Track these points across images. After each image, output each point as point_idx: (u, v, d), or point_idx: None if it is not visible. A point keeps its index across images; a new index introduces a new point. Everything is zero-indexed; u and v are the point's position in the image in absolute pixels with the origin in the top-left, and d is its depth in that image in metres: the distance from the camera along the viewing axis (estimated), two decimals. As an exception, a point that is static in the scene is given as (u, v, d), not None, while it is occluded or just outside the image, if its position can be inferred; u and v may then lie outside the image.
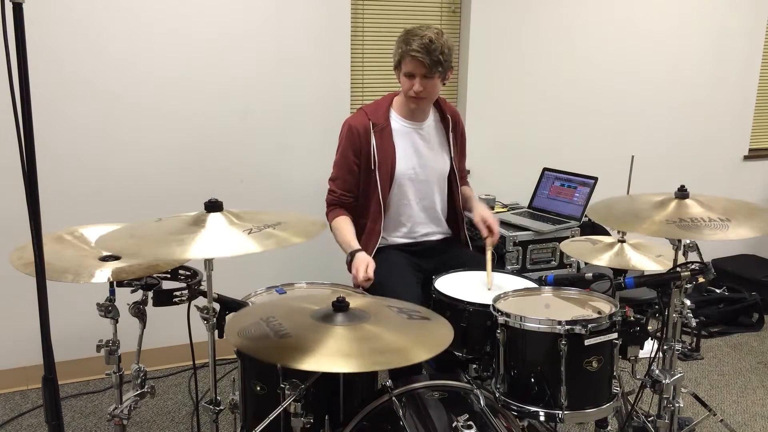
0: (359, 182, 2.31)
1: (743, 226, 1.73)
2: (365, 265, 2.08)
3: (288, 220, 1.65)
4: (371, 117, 2.29)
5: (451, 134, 2.39)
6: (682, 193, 1.89)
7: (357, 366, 1.31)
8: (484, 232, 2.29)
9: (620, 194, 2.23)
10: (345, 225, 2.28)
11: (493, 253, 2.19)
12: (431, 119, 2.38)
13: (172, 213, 1.72)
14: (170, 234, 1.53)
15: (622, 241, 2.20)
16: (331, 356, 1.31)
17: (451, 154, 2.40)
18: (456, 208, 2.44)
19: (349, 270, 2.17)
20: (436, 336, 1.45)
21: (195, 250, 1.45)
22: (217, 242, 1.50)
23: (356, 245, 2.20)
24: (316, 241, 1.66)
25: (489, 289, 2.04)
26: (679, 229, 1.74)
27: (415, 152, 2.33)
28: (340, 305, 1.47)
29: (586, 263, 2.18)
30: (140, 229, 1.62)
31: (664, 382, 1.88)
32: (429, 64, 2.13)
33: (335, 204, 2.34)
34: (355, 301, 1.53)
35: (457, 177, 2.42)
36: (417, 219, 2.38)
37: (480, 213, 2.34)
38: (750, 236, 1.69)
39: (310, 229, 1.63)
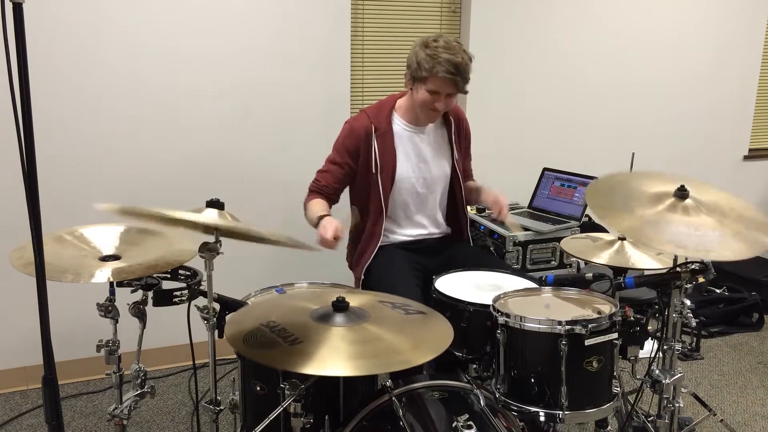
0: (344, 182, 2.31)
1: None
2: (333, 225, 2.04)
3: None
4: (373, 120, 2.27)
5: (453, 136, 2.38)
6: (682, 193, 1.89)
7: (366, 369, 1.31)
8: (495, 213, 2.30)
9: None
10: (317, 203, 2.23)
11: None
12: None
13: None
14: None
15: (622, 239, 2.20)
16: (338, 360, 1.32)
17: (453, 155, 2.39)
18: (458, 208, 2.43)
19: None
20: (436, 334, 1.46)
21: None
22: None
23: (323, 214, 2.14)
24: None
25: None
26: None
27: (416, 156, 2.32)
28: (340, 305, 1.47)
29: (586, 262, 2.18)
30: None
31: (664, 382, 1.87)
32: (461, 85, 2.13)
33: (315, 191, 2.31)
34: (353, 299, 1.53)
35: (460, 178, 2.40)
36: (417, 221, 2.38)
37: (493, 196, 2.34)
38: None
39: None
